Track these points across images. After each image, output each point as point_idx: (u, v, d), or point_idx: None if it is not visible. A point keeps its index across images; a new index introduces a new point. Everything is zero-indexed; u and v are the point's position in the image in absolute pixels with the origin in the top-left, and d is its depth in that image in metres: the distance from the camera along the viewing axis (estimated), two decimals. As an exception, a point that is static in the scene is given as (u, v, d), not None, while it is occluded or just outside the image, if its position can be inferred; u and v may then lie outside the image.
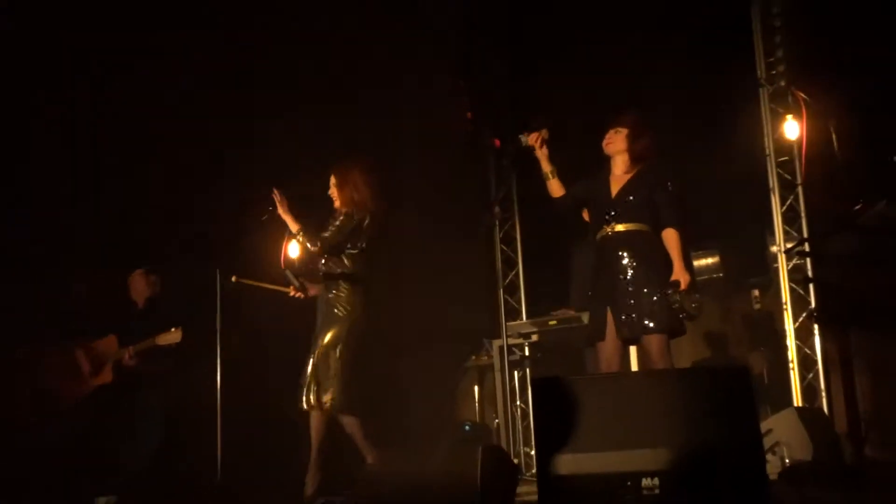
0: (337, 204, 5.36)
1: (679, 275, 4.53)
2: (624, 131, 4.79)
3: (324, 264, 5.30)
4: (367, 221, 5.27)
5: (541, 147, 4.83)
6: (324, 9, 7.20)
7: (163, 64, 6.96)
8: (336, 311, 5.19)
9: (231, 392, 5.40)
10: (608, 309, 4.64)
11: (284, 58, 7.32)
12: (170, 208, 6.98)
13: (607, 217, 4.67)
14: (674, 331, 4.58)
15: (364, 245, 5.29)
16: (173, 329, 5.82)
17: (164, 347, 5.86)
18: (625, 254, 4.61)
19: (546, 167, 4.86)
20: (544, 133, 4.84)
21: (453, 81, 7.36)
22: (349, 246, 5.27)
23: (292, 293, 5.37)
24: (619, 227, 4.66)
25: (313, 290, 5.37)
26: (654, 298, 4.52)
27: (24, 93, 6.73)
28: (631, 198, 4.68)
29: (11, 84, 6.58)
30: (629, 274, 4.58)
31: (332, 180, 5.39)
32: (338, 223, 5.24)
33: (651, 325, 4.50)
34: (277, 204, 5.27)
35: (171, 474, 5.82)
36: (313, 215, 5.40)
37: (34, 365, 6.21)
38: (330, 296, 5.22)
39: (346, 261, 5.25)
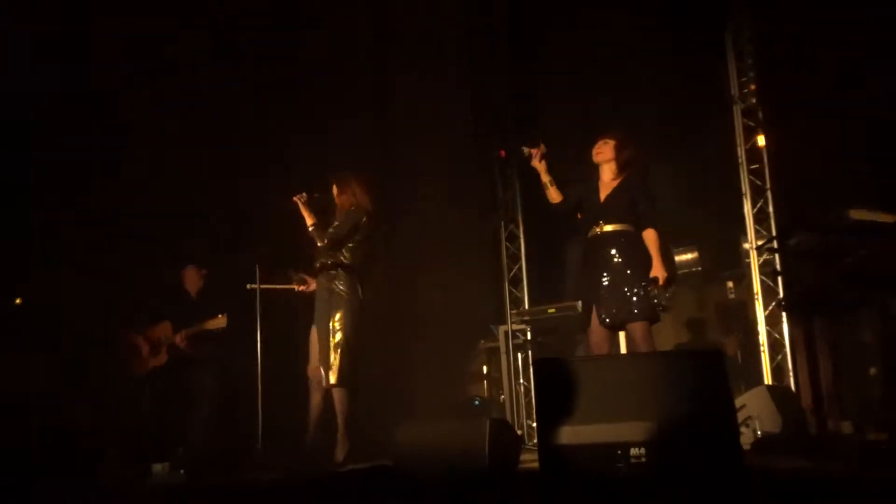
0: (340, 208, 5.42)
1: (657, 271, 4.55)
2: (612, 142, 4.80)
3: (324, 255, 5.33)
4: (364, 219, 5.33)
5: (540, 161, 4.83)
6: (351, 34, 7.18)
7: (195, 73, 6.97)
8: (339, 296, 5.23)
9: (269, 370, 5.38)
10: (596, 299, 4.65)
11: (310, 72, 7.29)
12: (216, 210, 6.99)
13: (598, 219, 4.69)
14: (652, 318, 4.59)
15: (360, 239, 5.32)
16: (220, 315, 5.84)
17: (212, 331, 5.89)
18: (612, 251, 4.64)
19: (545, 178, 4.86)
20: (542, 148, 4.84)
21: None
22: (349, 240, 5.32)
23: (297, 288, 5.49)
24: (608, 228, 4.68)
25: (313, 283, 5.42)
26: (636, 290, 4.53)
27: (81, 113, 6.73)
28: (616, 202, 4.70)
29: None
30: (615, 269, 4.60)
31: (334, 189, 5.45)
32: (340, 221, 5.32)
33: (635, 313, 4.51)
34: (299, 204, 5.33)
35: (218, 443, 5.83)
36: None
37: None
38: (332, 284, 5.26)
39: (345, 253, 5.30)
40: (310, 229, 5.31)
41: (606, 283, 4.59)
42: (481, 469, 3.63)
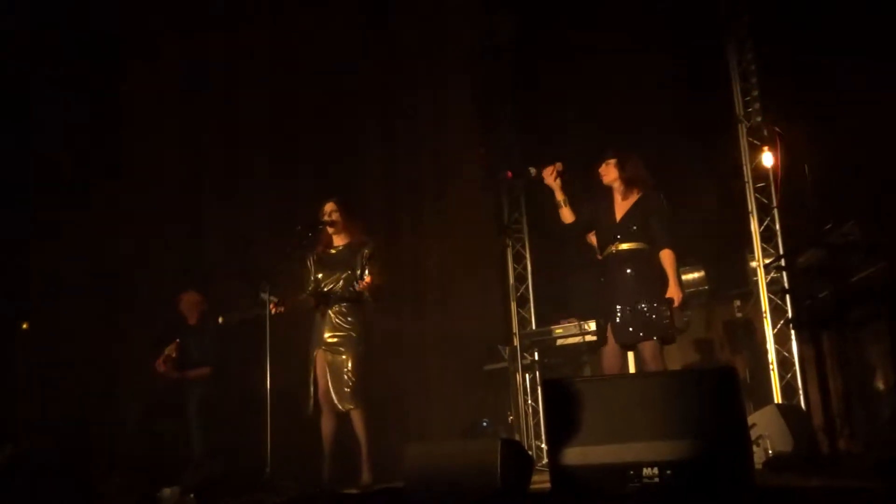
0: (336, 230, 5.34)
1: (673, 293, 4.58)
2: (612, 161, 4.86)
3: (331, 283, 5.28)
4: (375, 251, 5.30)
5: (555, 179, 4.85)
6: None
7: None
8: (347, 326, 5.21)
9: (279, 393, 5.36)
10: (611, 317, 4.66)
11: (313, 91, 7.34)
12: (225, 237, 7.03)
13: (614, 238, 4.72)
14: (665, 338, 4.59)
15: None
16: (206, 368, 5.90)
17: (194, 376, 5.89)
18: (627, 270, 4.67)
19: (559, 196, 4.89)
20: (559, 166, 4.88)
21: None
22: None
23: (273, 310, 5.20)
24: (623, 247, 4.73)
25: (289, 302, 5.28)
26: (650, 309, 4.53)
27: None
28: (632, 222, 4.75)
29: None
30: (630, 287, 4.62)
31: (332, 207, 5.36)
32: (376, 261, 5.21)
33: (645, 332, 4.53)
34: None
35: (227, 467, 5.81)
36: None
37: None
38: (338, 312, 5.23)
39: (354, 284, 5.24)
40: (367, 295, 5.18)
41: (621, 301, 4.61)
42: (493, 490, 3.61)
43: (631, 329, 4.55)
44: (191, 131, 7.02)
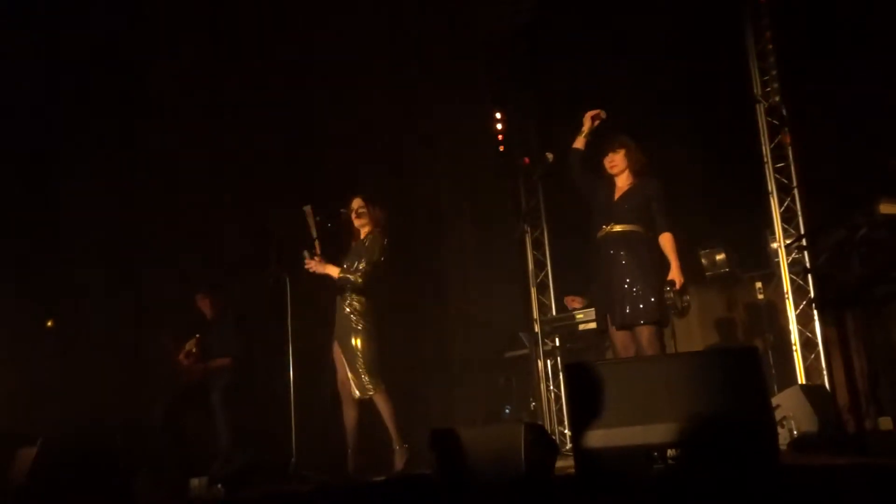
0: (362, 223, 5.38)
1: (675, 275, 4.58)
2: (622, 151, 4.85)
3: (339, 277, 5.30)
4: (386, 242, 5.32)
5: (594, 123, 4.88)
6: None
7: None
8: (354, 320, 5.21)
9: (303, 383, 5.40)
10: (608, 301, 4.67)
11: (331, 85, 7.36)
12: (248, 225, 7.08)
13: (608, 219, 4.73)
14: (661, 322, 4.60)
15: (381, 261, 5.30)
16: (226, 357, 5.94)
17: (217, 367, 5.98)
18: (621, 252, 4.66)
19: (585, 130, 4.91)
20: (602, 113, 4.90)
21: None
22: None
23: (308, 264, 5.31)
24: (617, 228, 4.72)
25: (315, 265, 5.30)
26: (645, 292, 4.53)
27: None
28: (628, 203, 4.75)
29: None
30: (625, 270, 4.62)
31: (359, 203, 5.40)
32: (368, 251, 5.25)
33: (643, 315, 4.53)
34: (313, 264, 5.25)
35: (253, 457, 5.87)
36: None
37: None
38: (345, 305, 5.26)
39: (359, 276, 5.24)
40: (341, 279, 5.24)
41: (616, 284, 4.61)
42: (517, 475, 3.63)
43: (627, 313, 4.56)
44: (210, 128, 7.05)
